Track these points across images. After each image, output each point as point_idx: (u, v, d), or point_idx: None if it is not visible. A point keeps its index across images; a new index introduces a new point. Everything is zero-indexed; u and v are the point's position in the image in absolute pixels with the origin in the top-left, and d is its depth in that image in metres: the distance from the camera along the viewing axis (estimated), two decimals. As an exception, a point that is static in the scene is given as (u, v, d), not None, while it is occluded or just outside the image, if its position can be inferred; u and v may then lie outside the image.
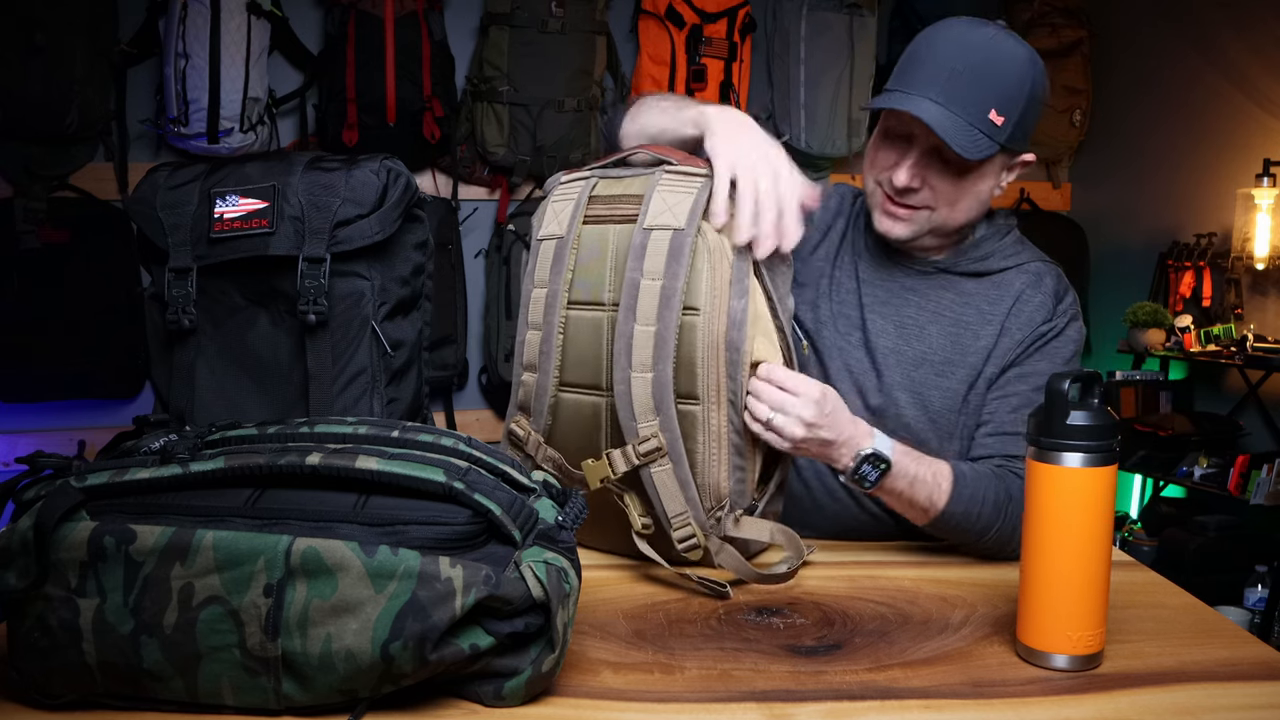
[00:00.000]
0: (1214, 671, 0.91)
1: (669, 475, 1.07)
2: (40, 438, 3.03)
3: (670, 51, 3.35)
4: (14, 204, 2.91)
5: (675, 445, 1.07)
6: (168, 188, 1.15)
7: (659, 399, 1.06)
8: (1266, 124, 3.27)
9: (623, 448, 1.08)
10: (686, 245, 1.05)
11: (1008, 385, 1.26)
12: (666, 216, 1.07)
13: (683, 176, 1.10)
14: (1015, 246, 1.32)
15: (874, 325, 1.29)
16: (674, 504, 1.08)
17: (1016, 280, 1.29)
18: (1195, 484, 3.21)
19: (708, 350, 1.06)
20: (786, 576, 1.10)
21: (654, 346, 1.05)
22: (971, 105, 1.14)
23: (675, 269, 1.05)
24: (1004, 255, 1.30)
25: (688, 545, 1.08)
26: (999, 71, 1.16)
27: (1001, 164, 1.23)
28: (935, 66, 1.16)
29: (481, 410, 3.53)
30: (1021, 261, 1.30)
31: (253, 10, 2.94)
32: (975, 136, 1.15)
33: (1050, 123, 3.75)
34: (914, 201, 1.22)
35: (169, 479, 0.78)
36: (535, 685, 0.80)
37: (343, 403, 1.13)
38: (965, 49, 1.16)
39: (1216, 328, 3.27)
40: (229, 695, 0.77)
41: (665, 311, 1.05)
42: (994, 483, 1.18)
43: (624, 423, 1.07)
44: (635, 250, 1.08)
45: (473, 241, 3.42)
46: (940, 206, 1.22)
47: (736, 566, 1.09)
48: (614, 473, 1.08)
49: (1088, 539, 0.89)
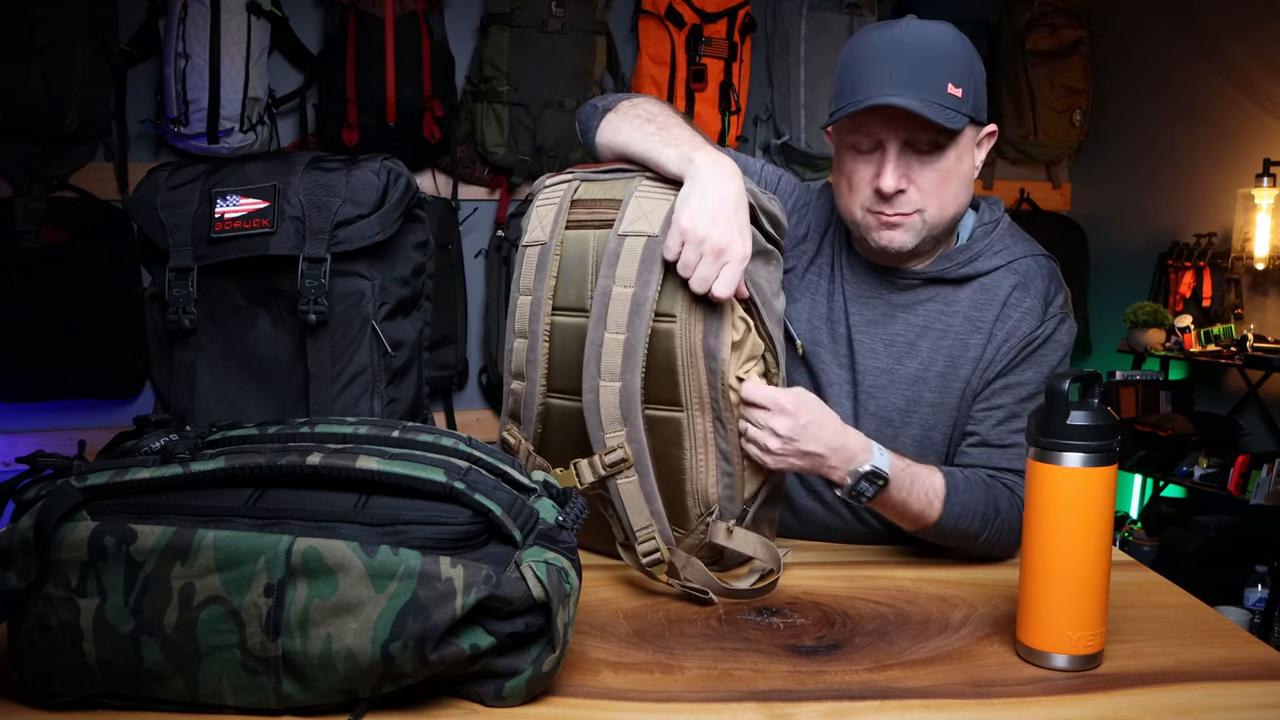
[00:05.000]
0: (1214, 671, 0.91)
1: (634, 487, 1.06)
2: (40, 438, 3.03)
3: (670, 51, 3.35)
4: (14, 204, 2.90)
5: (641, 456, 1.05)
6: (168, 188, 1.15)
7: (626, 409, 1.04)
8: (1266, 124, 3.27)
9: (590, 458, 1.07)
10: (659, 252, 1.04)
11: (994, 397, 1.23)
12: (641, 223, 1.06)
13: (660, 184, 1.09)
14: (1005, 240, 1.27)
15: (861, 346, 1.26)
16: (639, 517, 1.06)
17: (1004, 282, 1.25)
18: (1195, 484, 3.21)
19: (687, 357, 1.05)
20: (759, 592, 1.08)
21: (623, 355, 1.04)
22: (928, 85, 1.14)
23: (647, 276, 1.04)
24: (993, 253, 1.26)
25: (651, 560, 1.07)
26: (936, 50, 1.16)
27: (971, 139, 1.20)
28: (877, 68, 1.15)
29: (481, 410, 3.52)
30: (1012, 258, 1.26)
31: (253, 10, 2.94)
32: (944, 110, 1.14)
33: (1050, 123, 3.74)
34: (904, 207, 1.19)
35: (169, 479, 0.78)
36: (535, 685, 0.80)
37: (343, 403, 1.13)
38: (895, 44, 1.16)
39: (1216, 328, 3.27)
40: (229, 695, 0.77)
41: (635, 319, 1.04)
42: (983, 494, 1.17)
43: (592, 432, 1.06)
44: (609, 256, 1.06)
45: (473, 241, 3.42)
46: (930, 204, 1.19)
47: (705, 581, 1.06)
48: (581, 483, 1.07)
49: (1088, 539, 0.89)
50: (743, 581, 1.09)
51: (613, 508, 1.08)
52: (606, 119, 1.20)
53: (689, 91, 3.36)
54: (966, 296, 1.25)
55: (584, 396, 1.06)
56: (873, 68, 1.15)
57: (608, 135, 1.19)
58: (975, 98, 1.18)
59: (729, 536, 1.08)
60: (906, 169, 1.18)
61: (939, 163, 1.18)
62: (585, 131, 1.23)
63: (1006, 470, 1.20)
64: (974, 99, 1.17)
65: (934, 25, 1.18)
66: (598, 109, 1.22)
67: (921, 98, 1.13)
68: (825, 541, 1.28)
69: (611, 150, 1.18)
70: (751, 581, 1.10)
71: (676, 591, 1.08)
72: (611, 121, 1.19)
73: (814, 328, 1.29)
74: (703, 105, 3.37)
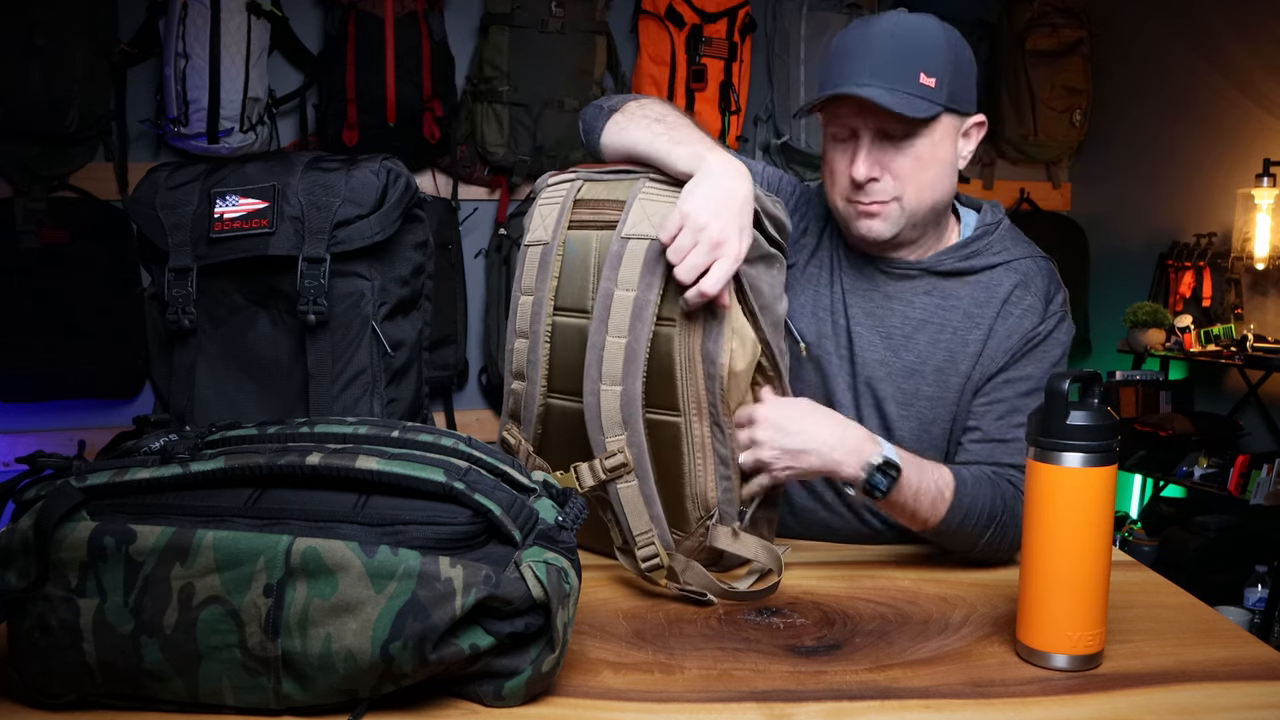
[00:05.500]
0: (1214, 671, 0.91)
1: (634, 492, 1.05)
2: (40, 438, 3.03)
3: (670, 51, 3.35)
4: (14, 204, 2.90)
5: (642, 461, 1.05)
6: (168, 188, 1.15)
7: (627, 413, 1.04)
8: (1266, 124, 3.27)
9: (590, 462, 1.06)
10: (663, 257, 1.03)
11: (995, 391, 1.23)
12: (644, 226, 1.05)
13: (665, 187, 1.08)
14: (1004, 241, 1.28)
15: (860, 338, 1.27)
16: (638, 522, 1.06)
17: (1005, 280, 1.25)
18: (1195, 484, 3.21)
19: (685, 361, 1.05)
20: (761, 594, 1.07)
21: (624, 360, 1.04)
22: (898, 75, 1.15)
23: (650, 280, 1.04)
24: (992, 252, 1.26)
25: (650, 565, 1.06)
26: (912, 41, 1.17)
27: (953, 128, 1.21)
28: (850, 58, 1.17)
29: (481, 410, 3.52)
30: (1011, 258, 1.26)
31: (253, 10, 2.94)
32: (911, 100, 1.15)
33: (1050, 123, 3.74)
34: (879, 195, 1.20)
35: (169, 479, 0.78)
36: (535, 685, 0.80)
37: (343, 403, 1.13)
38: (871, 35, 1.18)
39: (1216, 328, 3.27)
40: (229, 695, 0.77)
41: (637, 323, 1.03)
42: (990, 491, 1.17)
43: (592, 436, 1.06)
44: (611, 259, 1.06)
45: (473, 241, 3.41)
46: (906, 192, 1.20)
47: (705, 584, 1.05)
48: (580, 487, 1.06)
49: (1087, 539, 0.89)
50: (741, 583, 1.09)
51: (612, 512, 1.08)
52: (613, 119, 1.19)
53: (689, 91, 3.36)
54: (966, 293, 1.25)
55: (584, 400, 1.06)
56: (846, 58, 1.18)
57: (614, 135, 1.18)
58: (954, 87, 1.18)
59: (731, 540, 1.08)
60: (880, 157, 1.19)
61: (913, 150, 1.18)
62: (589, 132, 1.23)
63: (1009, 465, 1.19)
64: (951, 88, 1.18)
65: (918, 17, 1.19)
66: (603, 110, 1.22)
67: (889, 87, 1.14)
68: (825, 541, 1.28)
69: (618, 150, 1.18)
70: (750, 583, 1.10)
71: (675, 592, 1.07)
72: (618, 122, 1.19)
73: (818, 319, 1.29)
74: (703, 105, 3.37)
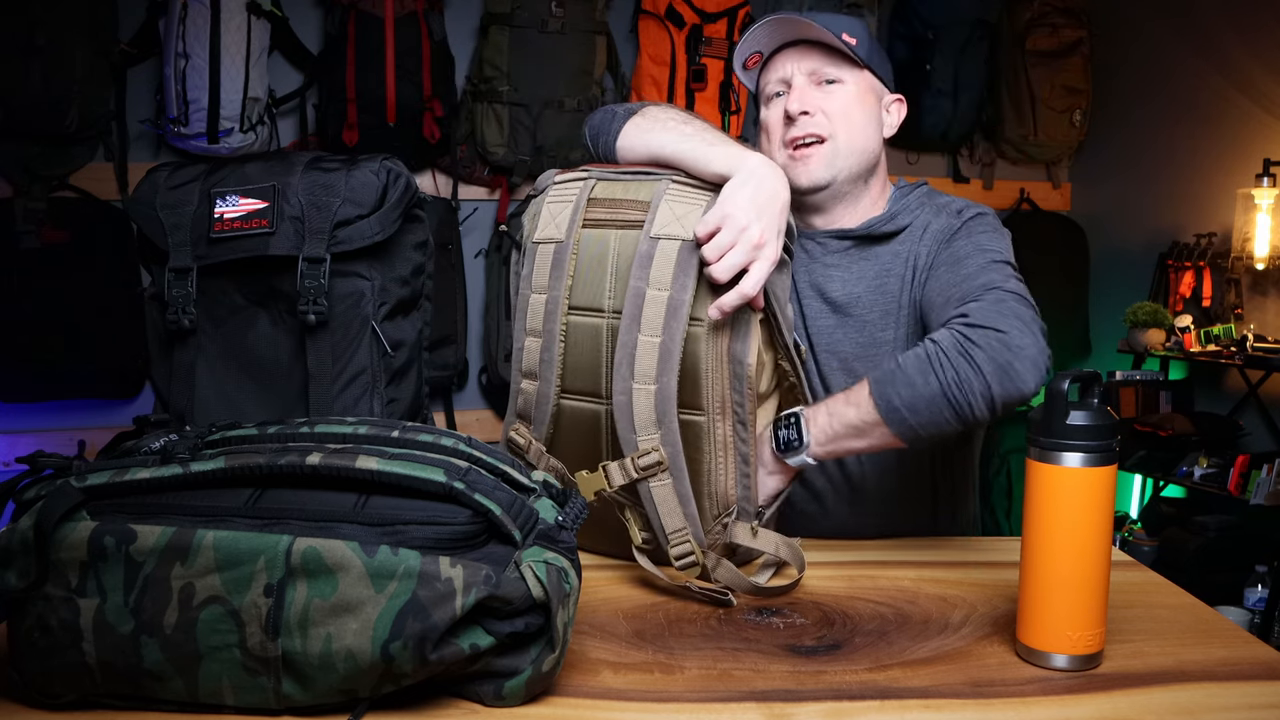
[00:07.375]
0: (1214, 671, 0.91)
1: (669, 490, 1.06)
2: (40, 438, 3.03)
3: (670, 51, 3.35)
4: (14, 204, 2.90)
5: (676, 459, 1.05)
6: (168, 188, 1.15)
7: (662, 412, 1.04)
8: (1266, 124, 3.27)
9: (620, 460, 1.06)
10: (695, 257, 1.04)
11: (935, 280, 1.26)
12: (674, 227, 1.06)
13: (691, 189, 1.09)
14: (921, 199, 1.36)
15: (811, 308, 1.34)
16: (672, 519, 1.06)
17: (921, 216, 1.34)
18: (1195, 484, 3.21)
19: (712, 362, 1.05)
20: (786, 589, 1.08)
21: (658, 358, 1.04)
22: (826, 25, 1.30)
23: (684, 280, 1.04)
24: (911, 210, 1.34)
25: (685, 562, 1.07)
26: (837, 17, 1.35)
27: (875, 91, 1.34)
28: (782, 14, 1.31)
29: (481, 410, 3.53)
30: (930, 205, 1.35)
31: (253, 10, 2.94)
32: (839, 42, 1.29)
33: (1050, 123, 3.74)
34: (813, 128, 1.29)
35: (169, 479, 0.78)
36: (535, 685, 0.80)
37: (343, 403, 1.13)
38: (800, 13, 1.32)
39: (1216, 328, 3.27)
40: (229, 695, 0.77)
41: (672, 323, 1.04)
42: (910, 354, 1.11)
43: (623, 435, 1.06)
44: (641, 259, 1.06)
45: (473, 241, 3.42)
46: (838, 130, 1.30)
47: (735, 581, 1.07)
48: (610, 486, 1.07)
49: (1087, 539, 0.89)
50: (757, 578, 1.10)
51: (637, 511, 1.08)
52: (632, 122, 1.19)
53: (689, 91, 3.36)
54: (892, 245, 1.33)
55: (615, 399, 1.06)
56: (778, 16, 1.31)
57: (635, 138, 1.18)
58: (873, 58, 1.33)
59: (750, 536, 1.09)
60: (811, 97, 1.30)
61: (841, 92, 1.31)
62: (601, 135, 1.22)
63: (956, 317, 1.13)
64: (870, 56, 1.32)
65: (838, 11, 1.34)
66: (616, 114, 1.22)
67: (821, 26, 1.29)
68: (823, 540, 1.28)
69: (640, 152, 1.17)
70: (767, 577, 1.10)
71: (676, 591, 1.08)
72: (639, 125, 1.19)
73: None
74: (703, 105, 3.37)
